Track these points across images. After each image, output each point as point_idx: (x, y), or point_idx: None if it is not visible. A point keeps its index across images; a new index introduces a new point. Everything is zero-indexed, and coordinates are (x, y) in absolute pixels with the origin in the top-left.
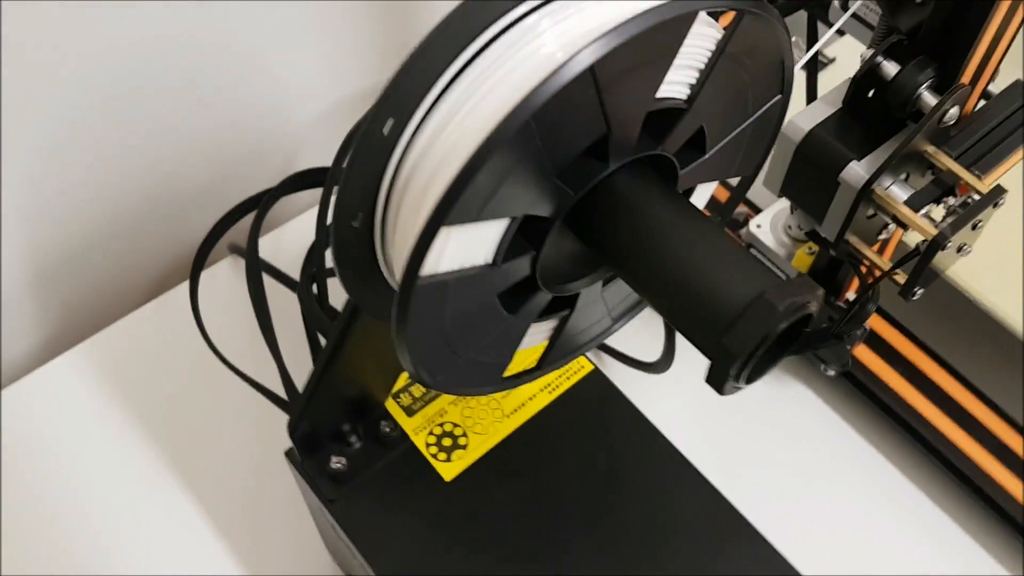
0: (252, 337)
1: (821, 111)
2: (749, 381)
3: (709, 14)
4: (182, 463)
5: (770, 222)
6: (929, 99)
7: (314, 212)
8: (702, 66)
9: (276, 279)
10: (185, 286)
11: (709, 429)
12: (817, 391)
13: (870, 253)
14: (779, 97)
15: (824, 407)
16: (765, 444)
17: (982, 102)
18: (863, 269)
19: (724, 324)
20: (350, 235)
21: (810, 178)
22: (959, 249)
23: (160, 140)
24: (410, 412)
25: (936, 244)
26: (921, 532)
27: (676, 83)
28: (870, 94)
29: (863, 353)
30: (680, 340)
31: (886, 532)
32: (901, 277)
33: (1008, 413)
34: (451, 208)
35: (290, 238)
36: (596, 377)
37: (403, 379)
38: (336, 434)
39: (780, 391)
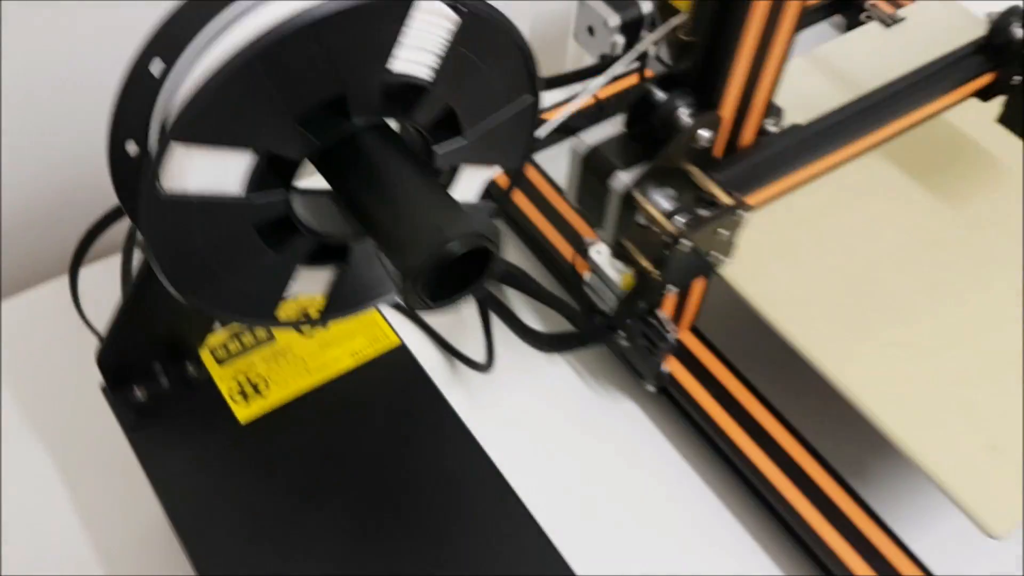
0: None
1: (610, 131)
2: (435, 299)
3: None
4: None
5: (609, 249)
6: (688, 123)
7: None
8: (443, 53)
9: None
10: None
11: (536, 435)
12: (643, 407)
13: (636, 253)
14: (529, 98)
15: (647, 423)
16: (585, 455)
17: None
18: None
19: (411, 247)
20: (128, 163)
21: (591, 188)
22: (710, 255)
23: None
24: (221, 362)
25: (673, 239)
26: (718, 543)
27: (416, 63)
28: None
29: (680, 374)
30: (505, 346)
31: (684, 541)
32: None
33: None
34: (184, 125)
35: None
36: (401, 352)
37: (222, 337)
38: (146, 372)
39: (609, 407)
